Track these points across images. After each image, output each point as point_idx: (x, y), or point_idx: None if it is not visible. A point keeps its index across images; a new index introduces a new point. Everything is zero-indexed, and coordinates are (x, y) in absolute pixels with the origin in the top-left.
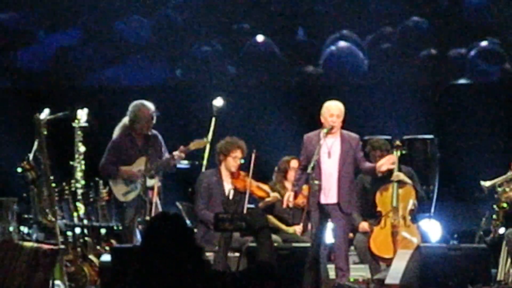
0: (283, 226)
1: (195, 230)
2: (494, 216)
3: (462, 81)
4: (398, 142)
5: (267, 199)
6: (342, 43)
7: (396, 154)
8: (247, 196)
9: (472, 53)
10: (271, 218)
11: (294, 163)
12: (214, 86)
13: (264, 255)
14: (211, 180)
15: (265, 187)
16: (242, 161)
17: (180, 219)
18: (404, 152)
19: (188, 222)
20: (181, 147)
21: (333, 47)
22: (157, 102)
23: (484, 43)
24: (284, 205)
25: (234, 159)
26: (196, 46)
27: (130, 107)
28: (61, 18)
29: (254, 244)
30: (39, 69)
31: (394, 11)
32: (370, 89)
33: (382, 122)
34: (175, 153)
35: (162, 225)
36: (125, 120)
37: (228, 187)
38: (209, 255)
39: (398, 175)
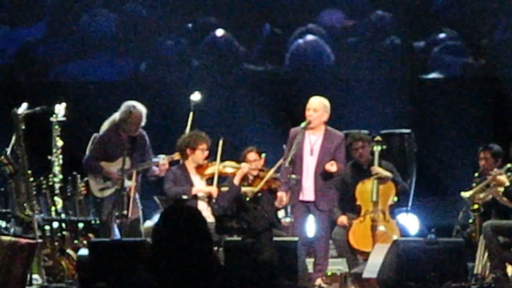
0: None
1: None
2: (471, 220)
3: (435, 75)
4: (378, 137)
5: (240, 172)
6: (309, 37)
7: (376, 149)
8: (215, 179)
9: (436, 47)
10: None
11: (251, 156)
12: (184, 80)
13: (266, 255)
14: (176, 173)
15: (231, 163)
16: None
17: (196, 211)
18: (384, 147)
19: None
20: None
21: (300, 41)
22: (125, 96)
23: (443, 35)
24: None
25: (202, 152)
26: (161, 40)
27: (122, 107)
28: (25, 13)
29: (232, 239)
30: (3, 64)
31: (358, 5)
32: (340, 84)
33: (356, 117)
34: (161, 163)
35: (178, 218)
36: (115, 116)
37: (195, 178)
38: None
39: (376, 170)
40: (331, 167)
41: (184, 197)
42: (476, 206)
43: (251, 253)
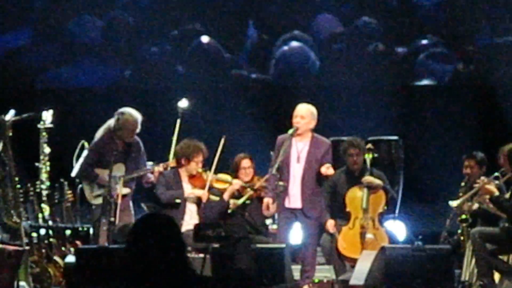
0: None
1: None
2: (459, 231)
3: (422, 82)
4: (370, 145)
5: (229, 188)
6: (294, 43)
7: (368, 157)
8: (207, 185)
9: (422, 54)
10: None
11: (245, 163)
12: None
13: (243, 263)
14: (169, 178)
15: (225, 177)
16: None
17: (170, 220)
18: (376, 155)
19: None
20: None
21: (285, 47)
22: (111, 103)
23: (429, 42)
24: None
25: (197, 164)
26: (145, 47)
27: (117, 114)
28: (11, 19)
29: (219, 246)
30: None
31: (344, 11)
32: (326, 90)
33: (343, 124)
34: (156, 170)
35: (151, 226)
36: (110, 123)
37: (186, 186)
38: None
39: (368, 180)
40: (328, 170)
41: (178, 200)
42: (463, 217)
43: (229, 261)
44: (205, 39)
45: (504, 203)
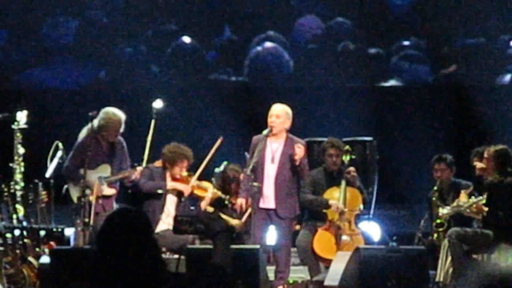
0: (227, 218)
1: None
2: (436, 236)
3: (397, 82)
4: (347, 147)
5: (207, 197)
6: (268, 44)
7: (345, 159)
8: (191, 182)
9: (397, 54)
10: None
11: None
12: (144, 87)
13: (218, 258)
14: (154, 172)
15: (206, 185)
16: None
17: (141, 214)
18: (353, 157)
19: None
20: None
21: (259, 48)
22: (86, 103)
23: (403, 43)
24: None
25: (180, 169)
26: (120, 47)
27: (101, 113)
28: None
29: (194, 246)
30: None
31: (319, 11)
32: (300, 91)
33: (317, 124)
34: (139, 169)
35: (122, 221)
36: (93, 123)
37: (169, 185)
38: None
39: (353, 170)
40: (298, 149)
41: (159, 191)
42: (438, 221)
43: (204, 260)
44: (186, 39)
45: (498, 216)
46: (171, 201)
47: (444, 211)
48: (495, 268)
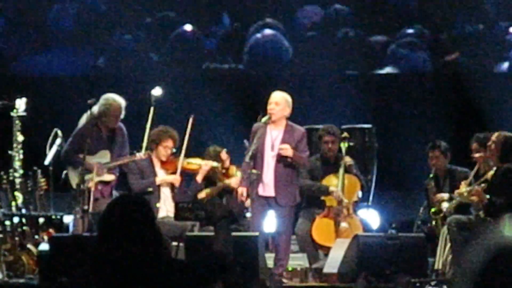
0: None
1: None
2: (434, 223)
3: (397, 70)
4: (345, 134)
5: (202, 169)
6: (267, 31)
7: (343, 146)
8: (179, 169)
9: (396, 42)
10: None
11: (223, 155)
12: (143, 75)
13: (218, 245)
14: (142, 165)
15: (196, 160)
16: (174, 150)
17: (143, 201)
18: (351, 144)
19: None
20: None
21: (258, 35)
22: (85, 91)
23: (403, 30)
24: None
25: (165, 149)
26: (119, 35)
27: (101, 100)
28: None
29: (193, 233)
30: None
31: None
32: (300, 78)
33: (317, 112)
34: (138, 155)
35: (124, 207)
36: (93, 109)
37: (159, 171)
38: None
39: (348, 159)
40: (285, 151)
41: (150, 189)
42: (434, 209)
43: (204, 248)
44: (188, 27)
45: (497, 204)
46: (165, 188)
47: (446, 205)
48: (502, 239)
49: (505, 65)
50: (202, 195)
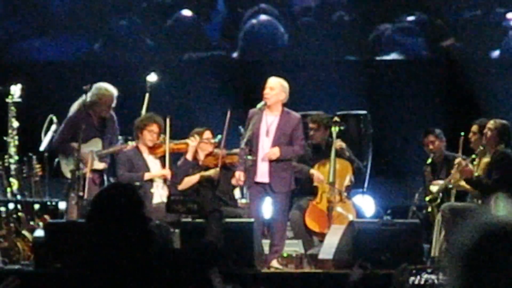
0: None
1: None
2: (430, 210)
3: (392, 56)
4: (336, 118)
5: (190, 147)
6: (263, 17)
7: (334, 130)
8: (167, 160)
9: (395, 27)
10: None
11: (205, 135)
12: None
13: (211, 236)
14: (129, 153)
15: (182, 141)
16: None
17: (133, 190)
18: (342, 128)
19: None
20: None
21: (253, 21)
22: (80, 76)
23: (402, 16)
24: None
25: (150, 133)
26: (114, 20)
27: (93, 89)
28: None
29: (188, 220)
30: None
31: None
32: (295, 64)
33: (312, 98)
34: (130, 144)
35: (113, 196)
36: (86, 98)
37: (148, 158)
38: None
39: (340, 143)
40: (273, 155)
41: (137, 183)
42: (429, 197)
43: (199, 235)
44: (187, 12)
45: (483, 181)
46: (158, 180)
47: (434, 188)
48: (492, 217)
49: (496, 52)
50: (210, 173)
